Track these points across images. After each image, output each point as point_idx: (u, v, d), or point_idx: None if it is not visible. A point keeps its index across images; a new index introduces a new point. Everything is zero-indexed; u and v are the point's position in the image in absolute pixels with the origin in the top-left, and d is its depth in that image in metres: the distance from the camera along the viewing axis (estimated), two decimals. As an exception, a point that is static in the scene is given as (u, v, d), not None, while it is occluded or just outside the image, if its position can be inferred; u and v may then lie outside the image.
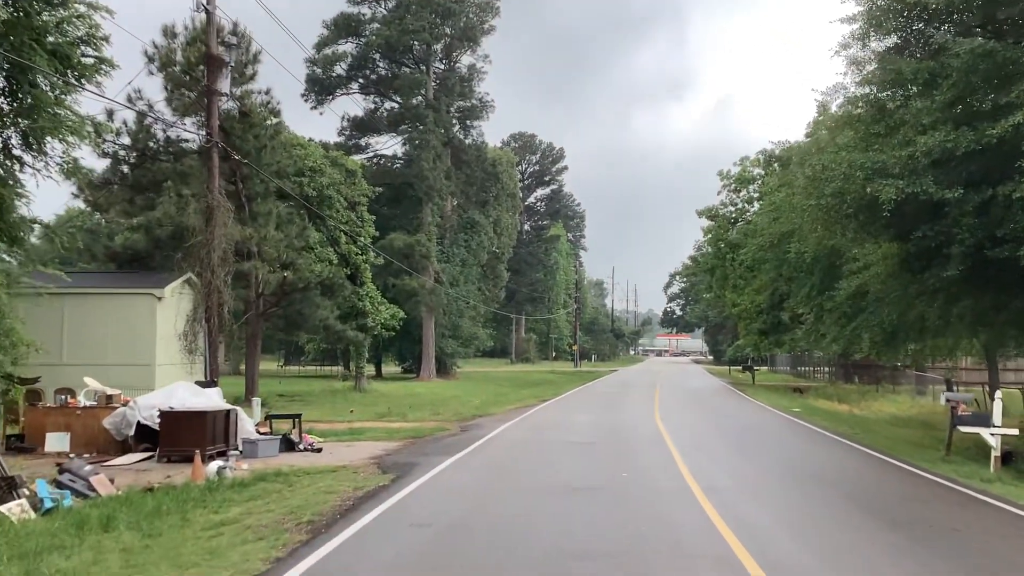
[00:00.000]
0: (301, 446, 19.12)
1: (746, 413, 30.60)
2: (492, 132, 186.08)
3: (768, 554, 8.79)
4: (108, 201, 34.06)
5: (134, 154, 33.32)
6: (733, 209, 57.63)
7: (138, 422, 18.13)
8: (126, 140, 32.76)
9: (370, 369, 65.72)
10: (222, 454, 17.51)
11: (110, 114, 31.47)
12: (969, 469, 15.91)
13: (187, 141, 35.13)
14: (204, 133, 35.66)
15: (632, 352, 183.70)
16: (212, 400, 19.09)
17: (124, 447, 18.33)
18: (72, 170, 24.22)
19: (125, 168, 33.74)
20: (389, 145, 66.00)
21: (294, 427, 20.94)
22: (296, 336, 44.51)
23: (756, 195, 55.53)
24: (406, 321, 55.10)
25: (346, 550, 9.03)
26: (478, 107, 66.70)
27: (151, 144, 33.14)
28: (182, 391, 19.11)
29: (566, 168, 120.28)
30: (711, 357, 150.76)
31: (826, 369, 66.19)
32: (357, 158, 59.90)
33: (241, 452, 17.98)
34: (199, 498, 13.31)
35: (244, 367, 38.15)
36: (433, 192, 57.45)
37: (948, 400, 18.36)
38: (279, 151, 36.27)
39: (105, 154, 32.58)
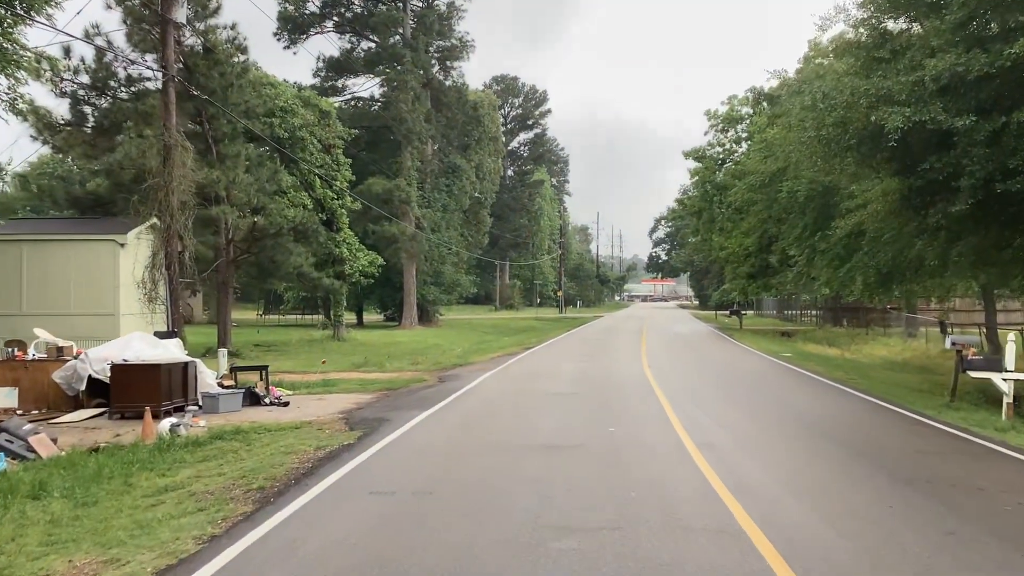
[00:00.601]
0: (267, 400, 17.93)
1: (736, 359, 29.59)
2: (473, 76, 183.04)
3: (775, 523, 7.68)
4: (68, 143, 32.40)
5: (94, 93, 31.56)
6: (720, 150, 56.20)
7: (89, 376, 16.88)
8: (85, 79, 30.97)
9: (351, 318, 64.55)
10: (179, 410, 16.30)
11: (67, 51, 29.82)
12: (980, 417, 14.89)
13: (149, 79, 33.35)
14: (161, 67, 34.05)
15: (617, 298, 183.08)
16: (170, 352, 17.83)
17: (76, 403, 17.10)
18: (21, 108, 22.53)
19: (86, 109, 32.03)
20: (367, 87, 63.90)
21: (261, 379, 19.77)
22: (270, 284, 43.09)
23: (744, 135, 54.08)
24: (386, 269, 53.78)
25: (292, 525, 7.85)
26: (458, 47, 64.64)
27: (112, 83, 31.37)
28: (138, 342, 17.83)
29: (550, 112, 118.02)
30: (696, 302, 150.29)
31: (814, 312, 65.46)
32: (334, 101, 57.95)
33: (200, 407, 16.76)
34: (147, 459, 12.16)
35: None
36: (412, 135, 55.67)
37: (954, 344, 17.31)
38: (247, 90, 34.58)
39: (64, 93, 30.96)
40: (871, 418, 15.28)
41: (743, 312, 67.74)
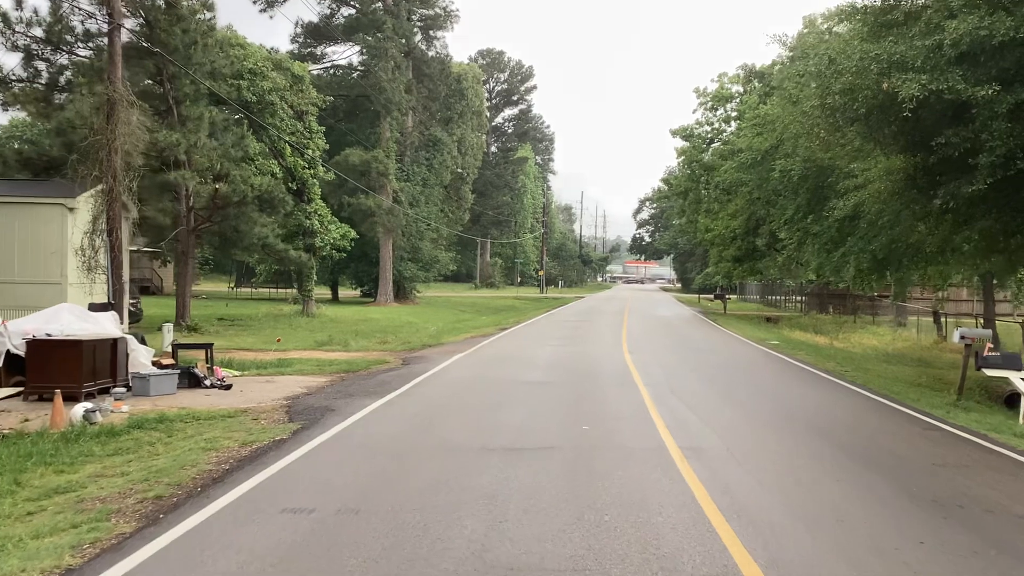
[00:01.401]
0: (208, 382, 16.22)
1: (721, 346, 28.08)
2: (458, 50, 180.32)
3: (787, 568, 6.08)
4: (18, 100, 30.37)
5: (48, 48, 29.51)
6: (709, 129, 54.52)
7: (8, 351, 15.11)
8: (39, 32, 28.95)
9: (325, 293, 62.69)
10: (105, 391, 14.59)
11: (18, 1, 27.80)
12: (995, 420, 13.38)
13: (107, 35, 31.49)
14: (128, 27, 31.98)
15: (600, 279, 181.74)
16: (102, 326, 16.04)
17: (2, 379, 15.34)
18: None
19: (40, 64, 29.98)
20: (346, 55, 61.76)
21: (205, 359, 18.07)
22: (234, 255, 41.20)
23: (734, 114, 52.41)
24: (362, 243, 51.94)
25: (167, 558, 6.17)
26: (441, 16, 62.65)
27: (67, 37, 29.32)
28: (67, 315, 16.04)
29: (535, 87, 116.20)
30: (679, 285, 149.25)
31: (798, 298, 64.14)
32: (313, 69, 55.79)
33: (130, 390, 15.04)
34: (49, 451, 10.53)
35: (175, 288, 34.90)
36: (392, 105, 53.62)
37: (963, 337, 15.77)
38: (213, 50, 32.61)
39: (15, 47, 28.91)
40: (876, 419, 13.73)
41: (727, 296, 66.29)
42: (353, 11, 57.04)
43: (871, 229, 22.74)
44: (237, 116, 35.75)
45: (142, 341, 19.56)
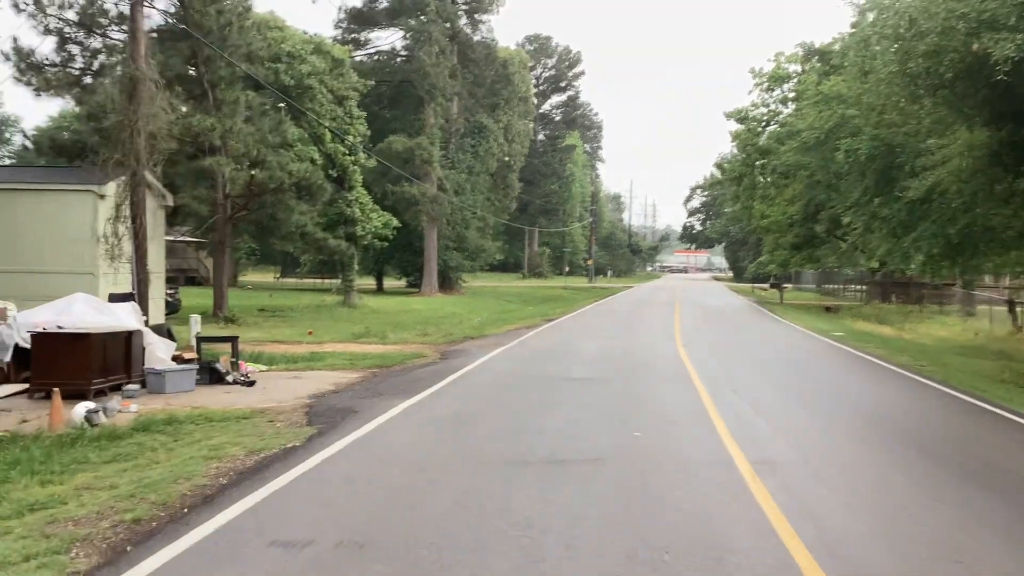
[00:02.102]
0: (230, 378, 15.11)
1: (782, 337, 26.40)
2: (504, 35, 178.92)
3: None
4: (51, 85, 29.63)
5: (81, 32, 28.77)
6: (765, 111, 52.37)
7: (16, 345, 14.16)
8: (72, 15, 28.21)
9: (370, 283, 61.87)
10: (117, 388, 13.54)
11: (50, -19, 27.06)
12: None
13: (146, 17, 30.71)
14: (160, 7, 31.08)
15: (649, 268, 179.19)
16: (119, 318, 15.03)
17: (3, 376, 14.41)
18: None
19: (74, 48, 29.27)
20: (390, 40, 60.62)
21: (232, 353, 16.99)
22: (271, 243, 40.38)
23: (791, 95, 50.22)
24: (407, 232, 50.92)
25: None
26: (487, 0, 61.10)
27: (101, 20, 28.52)
28: (81, 305, 15.05)
29: (583, 73, 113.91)
30: (731, 274, 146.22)
31: (858, 287, 61.73)
32: (357, 55, 54.86)
33: (145, 386, 13.98)
34: (40, 458, 9.49)
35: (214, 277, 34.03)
36: (436, 91, 52.40)
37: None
38: (249, 32, 31.65)
39: (48, 30, 28.22)
40: (968, 423, 12.12)
41: (784, 286, 64.07)
42: (397, -5, 55.90)
43: (945, 212, 20.95)
44: (275, 101, 34.84)
45: (169, 333, 18.63)
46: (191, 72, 30.23)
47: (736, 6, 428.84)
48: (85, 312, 14.78)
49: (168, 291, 32.18)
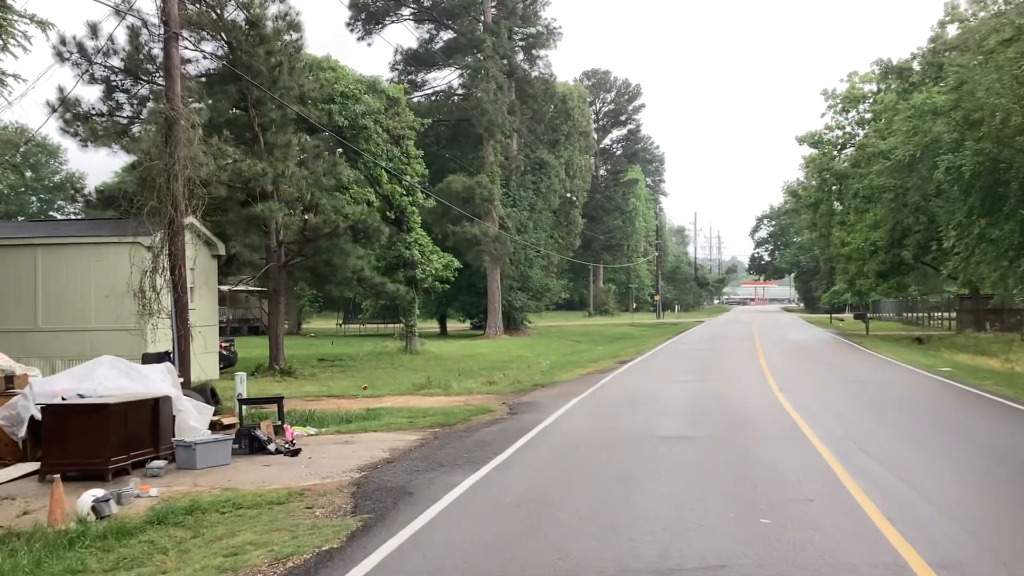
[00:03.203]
0: (272, 446, 13.30)
1: (886, 376, 23.78)
2: (561, 71, 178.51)
3: None
4: (95, 135, 28.71)
5: (128, 79, 27.91)
6: (840, 133, 49.78)
7: (32, 417, 12.58)
8: (117, 62, 27.37)
9: (433, 327, 60.29)
10: (140, 466, 11.82)
11: (93, 29, 26.19)
12: None
13: (190, 61, 29.82)
14: (208, 50, 30.14)
15: (716, 301, 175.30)
16: (149, 383, 13.37)
17: (22, 454, 12.83)
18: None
19: (121, 96, 28.45)
20: (446, 80, 59.51)
21: (278, 415, 15.26)
22: (327, 290, 38.99)
23: (868, 116, 47.59)
24: (469, 273, 49.29)
25: None
26: (544, 34, 59.88)
27: (148, 66, 27.61)
28: (105, 369, 13.42)
29: (644, 106, 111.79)
30: (802, 305, 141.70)
31: (946, 315, 58.10)
32: (414, 97, 53.90)
33: (173, 461, 12.25)
34: (29, 567, 7.72)
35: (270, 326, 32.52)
36: (495, 128, 50.97)
37: None
38: (300, 73, 30.49)
39: (94, 79, 27.42)
40: None
41: (869, 316, 60.68)
42: (452, 34, 54.88)
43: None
44: (329, 143, 33.60)
45: (212, 394, 16.97)
46: (241, 115, 29.14)
47: (793, 31, 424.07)
48: (109, 377, 13.15)
49: (223, 343, 30.89)
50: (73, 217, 62.80)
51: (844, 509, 8.37)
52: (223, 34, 27.98)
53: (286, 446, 13.47)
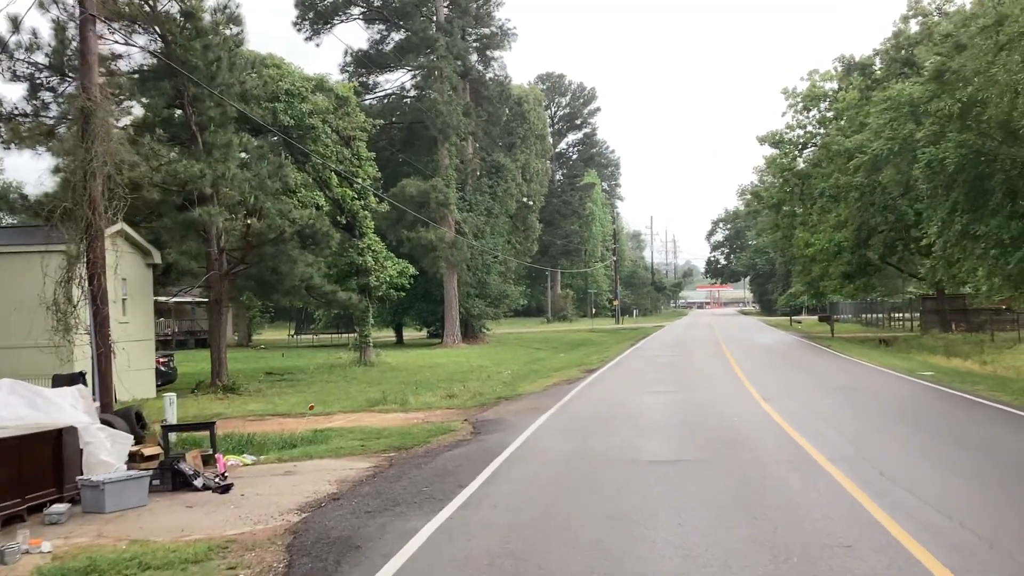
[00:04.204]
0: (199, 481, 11.47)
1: (871, 382, 22.50)
2: (516, 74, 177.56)
3: None
4: (22, 137, 26.54)
5: (55, 77, 25.80)
6: (801, 133, 48.86)
7: (-89, 456, 10.60)
8: (42, 59, 25.30)
9: (389, 336, 58.35)
10: (38, 510, 9.94)
11: (15, 22, 24.11)
12: None
13: (122, 56, 27.77)
14: (141, 44, 28.26)
15: (673, 305, 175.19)
16: (56, 410, 11.43)
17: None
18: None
19: (47, 95, 26.33)
20: (400, 81, 57.71)
21: (211, 443, 13.40)
22: (273, 300, 37.01)
23: (830, 114, 46.72)
24: (426, 280, 47.55)
25: None
26: (498, 35, 58.39)
27: (76, 62, 25.47)
28: (4, 396, 11.46)
29: (599, 110, 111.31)
30: (758, 307, 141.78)
31: (907, 316, 57.51)
32: (365, 99, 52.01)
33: (80, 503, 10.38)
34: None
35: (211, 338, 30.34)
36: (450, 130, 49.32)
37: None
38: (242, 69, 28.64)
39: (16, 76, 25.34)
40: None
41: (836, 318, 59.98)
42: (404, 34, 53.10)
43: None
44: (275, 144, 31.68)
45: (137, 419, 15.08)
46: (177, 114, 27.17)
47: (749, 32, 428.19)
48: (7, 405, 11.19)
49: (161, 359, 28.79)
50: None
51: (894, 560, 6.81)
52: (156, 27, 26.08)
53: (216, 480, 11.65)
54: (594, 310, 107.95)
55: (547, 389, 23.62)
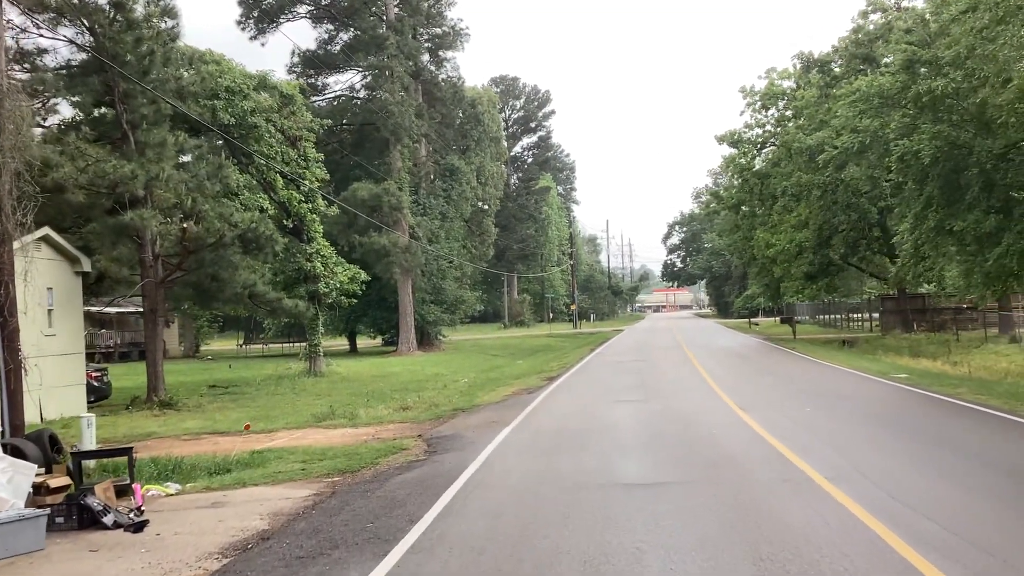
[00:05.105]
0: (110, 518, 9.91)
1: (845, 386, 21.49)
2: (470, 76, 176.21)
3: None
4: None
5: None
6: (760, 131, 48.17)
7: None
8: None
9: (343, 344, 56.61)
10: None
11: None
12: None
13: (47, 51, 26.00)
14: (67, 36, 26.56)
15: (630, 309, 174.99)
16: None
17: None
18: None
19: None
20: (350, 81, 56.09)
21: (129, 470, 11.83)
22: (214, 308, 35.19)
23: (789, 113, 46.06)
24: (379, 286, 45.96)
25: None
26: (450, 35, 57.04)
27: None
28: None
29: (553, 113, 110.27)
30: (714, 310, 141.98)
31: (867, 316, 57.19)
32: (314, 100, 50.26)
33: (-40, 551, 8.79)
34: None
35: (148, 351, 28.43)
36: (402, 131, 47.85)
37: None
38: (177, 64, 26.94)
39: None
40: None
41: (796, 319, 59.45)
42: (352, 33, 51.50)
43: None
44: (214, 144, 29.97)
45: (52, 443, 13.39)
46: (107, 112, 25.39)
47: (704, 34, 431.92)
48: None
49: (93, 374, 26.88)
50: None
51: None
52: (84, 19, 24.32)
53: (130, 516, 10.11)
54: (551, 315, 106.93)
55: (507, 399, 22.28)
